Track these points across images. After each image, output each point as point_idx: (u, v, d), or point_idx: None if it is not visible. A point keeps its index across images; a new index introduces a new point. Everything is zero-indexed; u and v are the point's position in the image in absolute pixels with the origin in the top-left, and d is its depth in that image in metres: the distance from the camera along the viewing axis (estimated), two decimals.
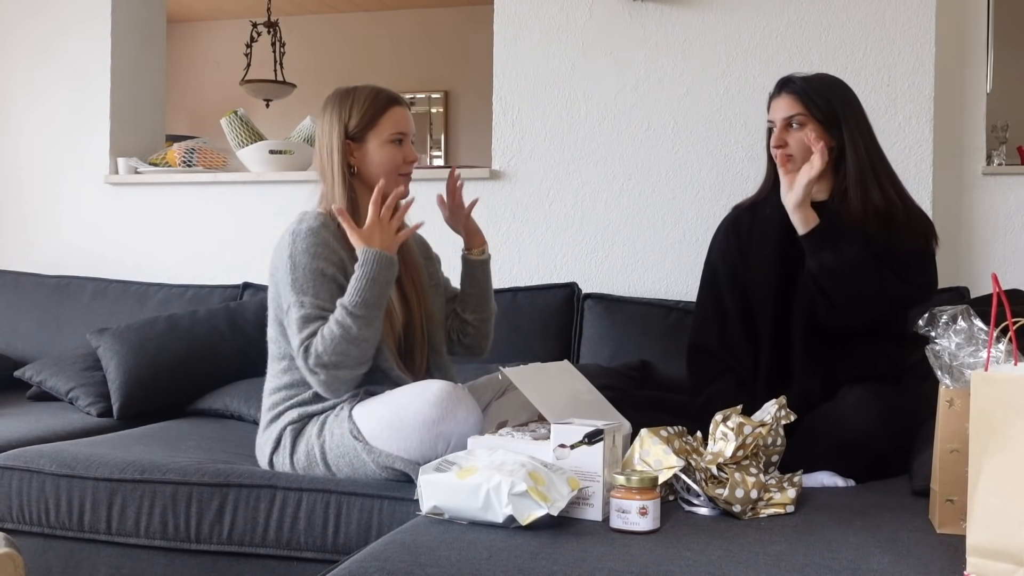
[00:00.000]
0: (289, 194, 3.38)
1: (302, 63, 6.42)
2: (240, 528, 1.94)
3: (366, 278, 1.93)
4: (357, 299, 1.92)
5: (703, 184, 3.02)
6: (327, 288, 1.97)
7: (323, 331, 1.92)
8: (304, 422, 2.02)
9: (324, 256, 1.98)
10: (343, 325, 1.90)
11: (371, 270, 1.94)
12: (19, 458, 2.11)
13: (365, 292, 1.92)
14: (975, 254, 2.93)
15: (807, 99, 2.17)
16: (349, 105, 2.09)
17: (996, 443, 1.31)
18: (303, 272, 1.97)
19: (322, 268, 1.98)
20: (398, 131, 2.10)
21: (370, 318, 1.93)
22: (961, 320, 1.56)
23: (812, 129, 2.15)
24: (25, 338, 3.25)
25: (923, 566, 1.36)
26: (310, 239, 1.99)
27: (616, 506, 1.51)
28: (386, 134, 2.09)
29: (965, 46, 2.94)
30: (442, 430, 1.84)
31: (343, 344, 1.91)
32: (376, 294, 1.93)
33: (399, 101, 2.13)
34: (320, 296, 1.96)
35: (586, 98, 3.10)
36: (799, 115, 2.16)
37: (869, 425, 1.92)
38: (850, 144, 2.16)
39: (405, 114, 2.13)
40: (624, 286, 3.05)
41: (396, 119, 2.10)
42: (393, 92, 2.15)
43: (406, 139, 2.12)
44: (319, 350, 1.91)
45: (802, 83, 2.19)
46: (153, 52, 3.79)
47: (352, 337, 1.91)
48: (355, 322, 1.91)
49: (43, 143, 3.65)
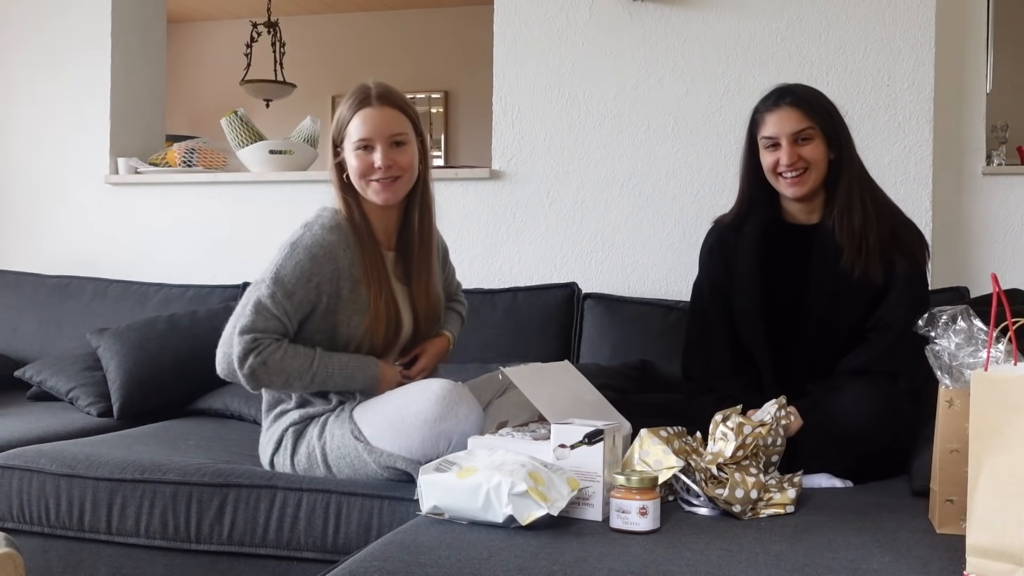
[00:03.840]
0: (289, 194, 3.39)
1: (302, 63, 6.42)
2: (240, 528, 1.94)
3: (350, 377, 1.99)
4: (332, 373, 1.97)
5: (703, 184, 3.02)
6: (301, 296, 1.95)
7: (287, 348, 1.94)
8: (305, 423, 2.02)
9: (322, 262, 1.97)
10: (306, 370, 1.95)
11: (358, 379, 1.99)
12: (19, 458, 2.12)
13: (337, 377, 1.98)
14: (975, 254, 2.93)
15: (812, 111, 2.08)
16: (339, 109, 2.08)
17: (995, 443, 1.31)
18: (293, 267, 1.95)
19: (311, 274, 1.96)
20: (360, 137, 2.00)
21: (319, 386, 1.99)
22: (961, 320, 1.56)
23: (819, 143, 2.07)
24: (25, 338, 3.25)
25: (923, 566, 1.36)
26: (319, 239, 1.98)
27: (616, 506, 1.51)
28: (353, 139, 2.02)
29: (965, 46, 2.94)
30: (444, 428, 1.84)
31: (290, 374, 1.94)
32: (338, 384, 1.99)
33: (368, 103, 2.02)
34: (291, 299, 1.95)
35: (586, 98, 3.10)
36: (807, 128, 2.07)
37: (864, 419, 1.90)
38: (848, 163, 2.09)
39: (372, 116, 2.01)
40: (624, 286, 3.05)
41: (358, 124, 2.01)
42: (372, 92, 2.04)
43: (374, 143, 2.00)
44: (268, 359, 1.92)
45: (803, 93, 2.11)
46: (153, 52, 3.79)
47: (298, 376, 1.95)
48: (312, 377, 1.95)
49: (43, 143, 3.65)
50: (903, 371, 2.01)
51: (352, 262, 2.00)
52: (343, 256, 1.99)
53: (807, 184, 2.08)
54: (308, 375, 1.95)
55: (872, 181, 2.16)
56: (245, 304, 1.96)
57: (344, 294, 1.99)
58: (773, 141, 2.09)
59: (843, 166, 2.10)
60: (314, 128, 3.52)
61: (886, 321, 2.06)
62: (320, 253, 1.97)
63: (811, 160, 2.07)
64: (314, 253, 1.97)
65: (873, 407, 1.92)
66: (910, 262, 2.08)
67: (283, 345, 1.94)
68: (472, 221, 3.16)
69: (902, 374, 2.01)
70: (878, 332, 2.07)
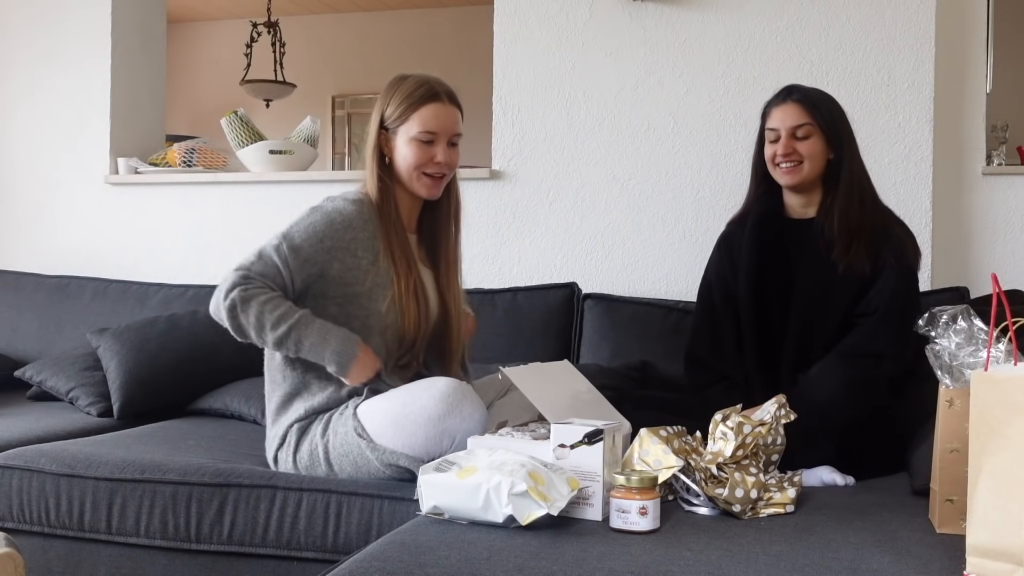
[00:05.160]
0: (289, 194, 3.38)
1: (302, 63, 6.42)
2: (240, 528, 1.94)
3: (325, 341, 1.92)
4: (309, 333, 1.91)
5: (703, 184, 3.02)
6: (308, 253, 1.97)
7: (275, 296, 1.92)
8: (310, 420, 2.02)
9: (338, 227, 1.99)
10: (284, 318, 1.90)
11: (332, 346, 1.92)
12: (19, 458, 2.12)
13: (313, 337, 1.91)
14: (975, 254, 2.93)
15: (814, 109, 2.18)
16: (392, 94, 2.09)
17: (996, 443, 1.31)
18: (306, 227, 1.98)
19: (323, 236, 1.98)
20: (426, 130, 2.04)
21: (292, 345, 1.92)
22: (961, 320, 1.57)
23: (817, 140, 2.17)
24: (25, 338, 3.25)
25: (923, 566, 1.36)
26: (339, 207, 2.01)
27: (616, 506, 1.51)
28: (414, 131, 2.05)
29: (965, 46, 2.94)
30: (447, 426, 1.84)
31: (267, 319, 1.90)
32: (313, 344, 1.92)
33: (438, 98, 2.06)
34: (296, 253, 1.96)
35: (586, 98, 3.10)
36: (806, 124, 2.17)
37: (836, 388, 1.96)
38: (847, 162, 2.18)
39: (441, 112, 2.06)
40: (624, 286, 3.05)
41: (427, 117, 2.05)
42: (441, 88, 2.09)
43: (437, 139, 2.05)
44: (252, 297, 1.90)
45: (809, 92, 2.21)
46: (153, 52, 3.79)
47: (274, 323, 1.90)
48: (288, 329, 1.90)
49: (43, 143, 3.65)
50: (886, 354, 2.07)
51: (373, 235, 2.02)
52: (362, 228, 2.01)
53: (799, 175, 2.18)
54: (285, 324, 1.90)
55: (871, 186, 2.24)
56: (252, 251, 1.99)
57: (364, 265, 2.00)
58: (776, 133, 2.21)
59: (842, 165, 2.18)
60: (314, 128, 3.52)
61: (874, 306, 2.12)
62: (338, 219, 2.00)
63: (806, 155, 2.17)
64: (332, 219, 2.00)
65: (842, 377, 1.98)
66: (897, 256, 2.14)
67: (275, 293, 1.95)
68: (472, 221, 3.15)
69: (885, 357, 2.07)
70: (866, 318, 2.13)
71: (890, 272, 2.13)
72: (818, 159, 2.18)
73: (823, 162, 2.19)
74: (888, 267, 2.13)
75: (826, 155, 2.19)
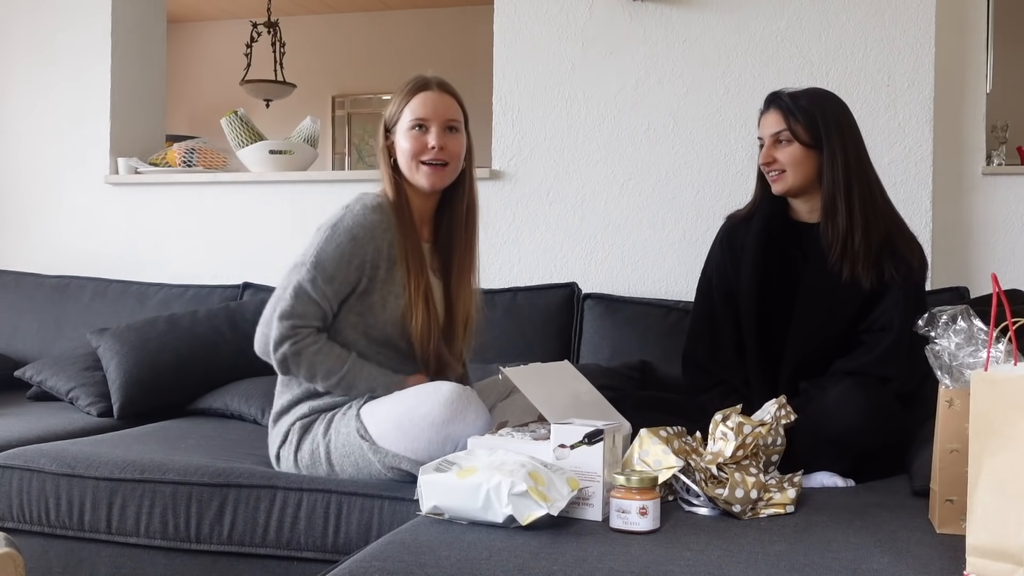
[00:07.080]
0: (289, 194, 3.39)
1: (302, 63, 6.42)
2: (240, 528, 1.94)
3: (373, 392, 1.98)
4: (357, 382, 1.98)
5: (703, 184, 3.02)
6: (342, 278, 1.98)
7: (323, 345, 1.97)
8: (313, 418, 2.02)
9: (363, 243, 1.98)
10: (335, 371, 1.97)
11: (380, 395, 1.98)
12: (19, 457, 2.12)
13: (361, 387, 1.99)
14: (975, 254, 2.93)
15: (790, 115, 2.15)
16: (392, 97, 2.12)
17: (996, 443, 1.31)
18: (334, 249, 1.97)
19: (351, 256, 1.97)
20: (416, 117, 2.05)
21: (342, 390, 2.00)
22: (961, 320, 1.56)
23: (796, 147, 2.14)
24: (25, 338, 3.25)
25: (923, 566, 1.36)
26: (360, 219, 1.99)
27: (616, 506, 1.51)
28: (407, 122, 2.06)
29: (965, 46, 2.94)
30: (451, 431, 1.84)
31: (318, 370, 1.97)
32: (360, 393, 2.00)
33: (427, 87, 2.08)
34: (332, 283, 1.97)
35: (586, 98, 3.10)
36: (783, 131, 2.15)
37: (853, 420, 1.92)
38: (828, 164, 2.13)
39: (430, 99, 2.06)
40: (624, 286, 3.05)
41: (416, 105, 2.06)
42: (431, 78, 2.10)
43: (429, 125, 2.05)
44: (303, 350, 1.96)
45: (789, 99, 2.17)
46: (153, 52, 3.79)
47: (325, 376, 1.97)
48: (338, 380, 1.98)
49: (43, 143, 3.66)
50: (896, 376, 2.05)
51: (391, 243, 2.01)
52: (383, 236, 2.00)
53: (785, 183, 2.17)
54: (335, 376, 1.97)
55: (872, 186, 2.17)
56: (285, 287, 1.98)
57: (381, 275, 2.01)
58: (762, 142, 2.21)
59: (824, 168, 2.13)
60: (314, 128, 3.52)
61: (881, 324, 2.09)
62: (361, 234, 1.98)
63: (786, 162, 2.16)
64: (355, 234, 1.98)
65: (860, 407, 1.93)
66: (905, 271, 2.10)
67: (320, 340, 1.97)
68: None
69: (894, 379, 2.05)
70: (872, 335, 2.10)
71: (898, 291, 2.08)
72: (801, 165, 2.14)
73: (810, 167, 2.14)
74: (896, 285, 2.09)
75: (812, 160, 2.14)
